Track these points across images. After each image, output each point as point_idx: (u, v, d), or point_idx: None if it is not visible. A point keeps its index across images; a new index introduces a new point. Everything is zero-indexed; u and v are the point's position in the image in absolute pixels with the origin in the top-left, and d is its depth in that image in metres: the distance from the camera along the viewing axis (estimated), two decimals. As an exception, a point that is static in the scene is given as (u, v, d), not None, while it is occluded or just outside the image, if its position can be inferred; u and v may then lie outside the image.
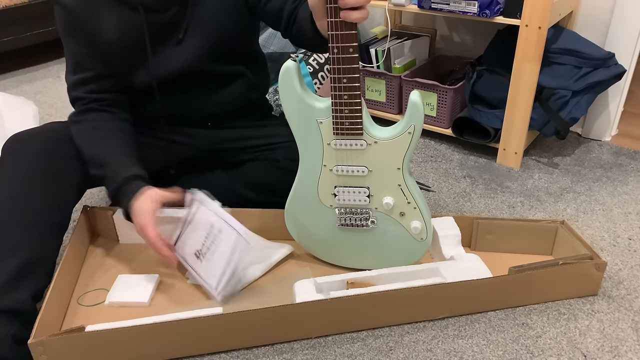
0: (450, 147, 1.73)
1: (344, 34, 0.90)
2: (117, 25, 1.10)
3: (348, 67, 0.93)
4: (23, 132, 1.12)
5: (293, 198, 1.14)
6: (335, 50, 0.92)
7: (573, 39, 1.56)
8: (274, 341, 1.03)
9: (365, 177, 1.06)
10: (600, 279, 1.09)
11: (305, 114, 1.03)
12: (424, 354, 0.99)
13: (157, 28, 1.11)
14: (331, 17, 0.88)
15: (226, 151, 1.28)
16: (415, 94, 0.96)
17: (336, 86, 0.96)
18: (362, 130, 1.00)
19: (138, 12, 1.09)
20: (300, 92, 1.01)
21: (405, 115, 0.98)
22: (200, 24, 1.14)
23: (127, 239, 1.29)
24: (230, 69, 1.23)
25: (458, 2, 1.50)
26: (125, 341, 0.96)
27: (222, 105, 1.25)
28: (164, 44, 1.14)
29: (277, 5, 1.13)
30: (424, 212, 1.06)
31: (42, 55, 2.74)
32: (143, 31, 1.10)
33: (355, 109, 0.98)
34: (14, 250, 0.99)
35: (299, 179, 1.11)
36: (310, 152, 1.07)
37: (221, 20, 1.15)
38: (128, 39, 1.11)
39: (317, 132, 1.04)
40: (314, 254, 1.22)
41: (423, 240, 1.09)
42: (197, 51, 1.15)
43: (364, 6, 0.87)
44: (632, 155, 1.64)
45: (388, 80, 1.78)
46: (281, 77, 1.00)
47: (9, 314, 0.94)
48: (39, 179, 1.06)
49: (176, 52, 1.15)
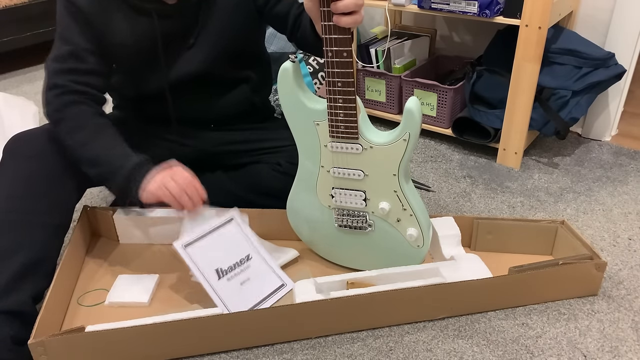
0: (450, 147, 1.73)
1: (338, 37, 0.90)
2: (130, 30, 1.09)
3: (342, 71, 0.93)
4: (23, 133, 1.12)
5: (293, 196, 1.14)
6: (329, 53, 0.92)
7: (573, 39, 1.55)
8: (274, 341, 1.03)
9: (362, 181, 1.06)
10: (600, 279, 1.09)
11: (303, 115, 1.03)
12: (424, 354, 0.99)
13: (170, 34, 1.12)
14: (325, 21, 0.89)
15: (228, 153, 1.28)
16: (412, 101, 0.95)
17: (331, 89, 0.96)
18: (357, 134, 1.00)
19: (151, 18, 1.09)
20: (298, 93, 1.01)
21: (401, 122, 0.97)
22: (211, 29, 1.14)
23: (127, 239, 1.29)
24: (237, 73, 1.24)
25: (458, 2, 1.50)
26: (125, 341, 0.96)
27: (227, 108, 1.26)
28: (176, 48, 1.14)
29: (284, 9, 1.14)
30: (421, 220, 1.05)
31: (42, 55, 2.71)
32: (156, 37, 1.11)
33: (350, 112, 0.97)
34: (14, 252, 0.99)
35: (299, 177, 1.12)
36: (308, 152, 1.07)
37: (231, 24, 1.16)
38: (141, 44, 1.11)
39: (315, 133, 1.04)
40: (315, 251, 1.22)
41: (419, 248, 1.08)
42: (208, 55, 1.16)
43: (357, 11, 0.86)
44: (632, 155, 1.64)
45: (388, 80, 1.78)
46: (279, 78, 1.01)
47: (9, 315, 0.94)
48: (39, 180, 1.06)
49: (188, 56, 1.15)
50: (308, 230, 1.18)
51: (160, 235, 1.27)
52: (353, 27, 0.89)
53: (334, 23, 0.88)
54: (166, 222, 1.25)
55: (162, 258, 1.24)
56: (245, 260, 1.11)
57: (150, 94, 1.19)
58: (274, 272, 1.12)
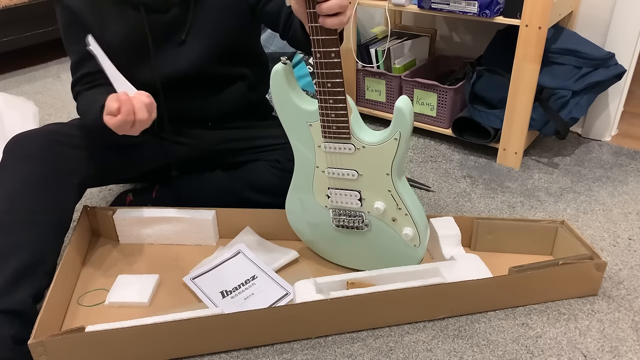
0: (450, 147, 1.73)
1: (325, 39, 0.90)
2: (120, 25, 1.10)
3: (331, 72, 0.93)
4: (23, 133, 1.12)
5: (291, 196, 1.14)
6: (317, 54, 0.92)
7: (573, 39, 1.55)
8: (274, 341, 1.03)
9: (356, 180, 1.06)
10: (600, 279, 1.09)
11: (296, 117, 1.03)
12: (424, 354, 0.99)
13: (159, 29, 1.12)
14: (311, 22, 0.89)
15: (226, 151, 1.28)
16: (402, 100, 0.95)
17: (321, 90, 0.96)
18: (349, 134, 1.00)
19: (139, 12, 1.10)
20: (291, 95, 1.01)
21: (392, 121, 0.97)
22: (202, 26, 1.14)
23: (127, 239, 1.29)
24: (231, 70, 1.23)
25: (458, 2, 1.50)
26: (125, 341, 0.96)
27: (223, 106, 1.26)
28: (166, 45, 1.14)
29: (275, 8, 1.14)
30: (417, 219, 1.05)
31: (42, 55, 2.74)
32: (145, 32, 1.11)
33: (341, 113, 0.97)
34: (14, 251, 0.99)
35: (295, 178, 1.12)
36: (303, 153, 1.08)
37: (223, 21, 1.16)
38: (130, 39, 1.11)
39: (308, 134, 1.04)
40: (315, 251, 1.22)
41: (416, 248, 1.08)
42: (199, 53, 1.16)
43: (342, 12, 0.86)
44: (632, 155, 1.64)
45: (388, 80, 1.78)
46: (272, 80, 1.01)
47: (9, 315, 0.94)
48: (40, 180, 1.06)
49: (179, 53, 1.15)
50: (307, 231, 1.18)
51: (160, 236, 1.27)
52: (339, 28, 0.89)
53: (320, 24, 0.88)
54: (166, 222, 1.25)
55: (162, 258, 1.24)
56: (250, 280, 1.14)
57: None
58: (278, 284, 1.13)
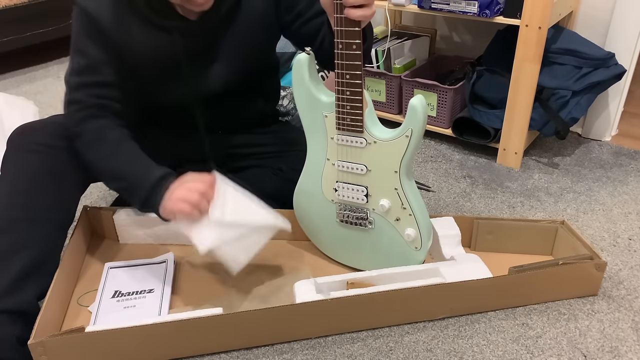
0: (450, 147, 1.73)
1: (348, 30, 0.92)
2: (150, 46, 1.06)
3: (351, 64, 0.95)
4: (27, 125, 1.09)
5: (300, 186, 1.15)
6: (340, 45, 0.94)
7: (573, 39, 1.55)
8: (274, 341, 1.03)
9: (364, 175, 1.06)
10: (600, 279, 1.09)
11: (312, 107, 1.05)
12: (424, 354, 0.99)
13: (191, 51, 1.09)
14: (337, 13, 0.91)
15: (231, 156, 1.28)
16: (417, 98, 0.96)
17: (339, 81, 0.98)
18: (362, 127, 1.01)
19: (171, 35, 1.06)
20: (310, 85, 1.03)
21: (405, 119, 0.98)
22: (232, 45, 1.12)
23: (127, 239, 1.29)
24: (253, 84, 1.22)
25: (458, 2, 1.50)
26: (125, 341, 0.96)
27: (241, 118, 1.25)
28: (196, 65, 1.12)
29: (314, 28, 1.09)
30: (420, 221, 1.05)
31: (42, 55, 2.74)
32: (177, 54, 1.08)
33: (357, 105, 0.99)
34: (17, 250, 0.98)
35: (306, 168, 1.13)
36: (316, 144, 1.09)
37: (254, 40, 1.14)
38: (162, 61, 1.08)
39: (323, 125, 1.05)
40: (317, 246, 1.23)
41: (417, 250, 1.08)
42: (229, 71, 1.14)
43: (368, 5, 0.88)
44: (632, 155, 1.64)
45: (388, 80, 1.78)
46: (294, 69, 1.03)
47: (13, 315, 0.94)
48: (43, 175, 1.04)
49: (208, 72, 1.13)
50: (311, 224, 1.19)
51: (160, 236, 1.27)
52: (364, 21, 0.91)
53: (345, 16, 0.89)
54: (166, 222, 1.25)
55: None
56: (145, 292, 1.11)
57: (165, 106, 1.17)
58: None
